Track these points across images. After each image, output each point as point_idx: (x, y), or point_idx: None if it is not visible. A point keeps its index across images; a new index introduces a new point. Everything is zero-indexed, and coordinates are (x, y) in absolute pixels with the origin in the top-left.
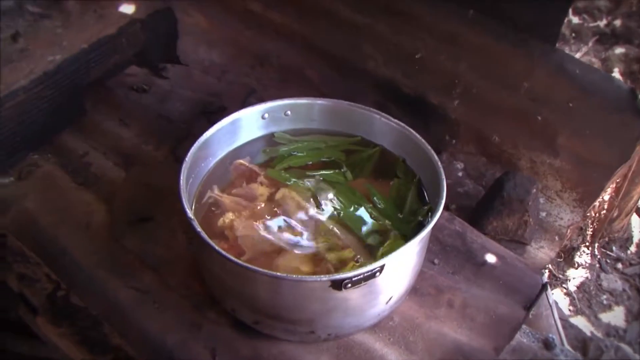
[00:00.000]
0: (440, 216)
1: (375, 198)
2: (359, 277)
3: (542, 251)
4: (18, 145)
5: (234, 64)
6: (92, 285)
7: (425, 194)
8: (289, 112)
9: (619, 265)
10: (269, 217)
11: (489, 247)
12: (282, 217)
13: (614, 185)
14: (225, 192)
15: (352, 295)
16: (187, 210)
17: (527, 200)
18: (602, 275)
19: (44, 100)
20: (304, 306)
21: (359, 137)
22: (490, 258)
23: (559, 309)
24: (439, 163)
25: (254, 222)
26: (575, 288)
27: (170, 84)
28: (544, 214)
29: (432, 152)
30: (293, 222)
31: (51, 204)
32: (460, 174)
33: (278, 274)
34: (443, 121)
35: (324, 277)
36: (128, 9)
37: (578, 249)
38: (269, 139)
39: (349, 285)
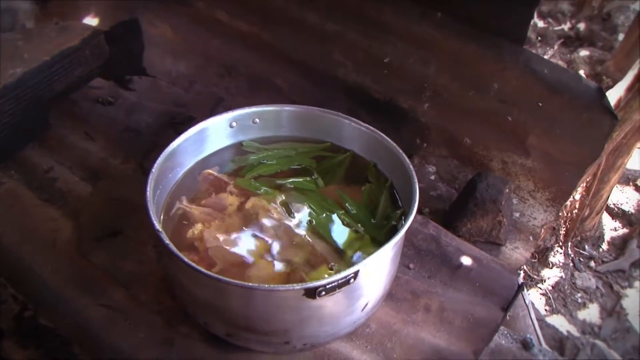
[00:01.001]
0: (413, 220)
1: (347, 204)
2: (333, 284)
3: (517, 251)
4: None
5: (201, 74)
6: (60, 304)
7: (398, 197)
8: (257, 120)
9: (592, 264)
10: (238, 230)
11: (464, 250)
12: (251, 231)
13: (585, 185)
14: (194, 202)
15: (327, 303)
16: (155, 222)
17: (500, 201)
18: (576, 274)
19: (4, 115)
20: (277, 316)
21: (329, 143)
22: (466, 260)
23: (536, 310)
24: (411, 166)
25: (223, 237)
26: (550, 288)
27: (137, 95)
28: (517, 214)
29: (404, 155)
30: (263, 233)
31: (15, 221)
32: (432, 177)
33: (250, 284)
34: (413, 125)
35: (297, 286)
36: (92, 21)
37: (552, 249)
38: (238, 148)
39: (323, 293)
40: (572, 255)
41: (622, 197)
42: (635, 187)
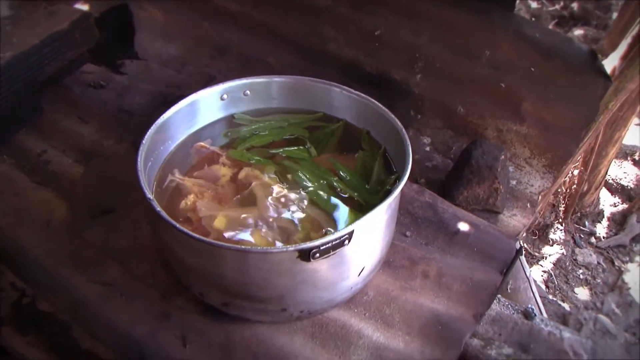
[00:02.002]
0: (410, 189)
1: (340, 172)
2: (327, 245)
3: (515, 219)
4: None
5: (193, 56)
6: (55, 283)
7: (392, 163)
8: (248, 92)
9: (593, 240)
10: (231, 200)
11: (461, 216)
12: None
13: (582, 159)
14: (187, 175)
15: (322, 266)
16: (146, 191)
17: (495, 167)
18: (577, 250)
19: None
20: (272, 281)
21: (321, 113)
22: (463, 226)
23: (538, 287)
24: (403, 130)
25: (217, 207)
26: (551, 265)
27: (129, 79)
28: (514, 182)
29: (396, 120)
30: (256, 202)
31: (8, 204)
32: (427, 148)
33: (243, 247)
34: (407, 97)
35: (291, 247)
36: (82, 7)
37: (552, 225)
38: (229, 121)
39: (318, 255)
40: (573, 232)
41: (620, 172)
42: (633, 162)
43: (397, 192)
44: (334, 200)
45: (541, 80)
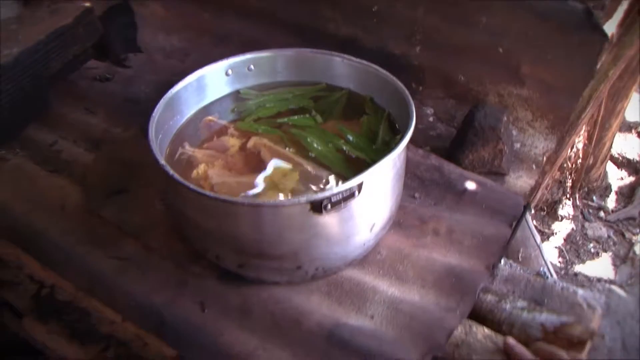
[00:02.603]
0: (415, 154)
1: (347, 135)
2: (338, 196)
3: (521, 180)
4: None
5: (195, 46)
6: (73, 261)
7: (396, 125)
8: (252, 67)
9: (602, 214)
10: (241, 167)
11: (468, 176)
12: (254, 166)
13: (586, 133)
14: (197, 148)
15: (334, 220)
16: (158, 157)
17: (499, 128)
18: (587, 224)
19: (5, 95)
20: (286, 237)
21: (324, 83)
22: (470, 185)
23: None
24: (405, 89)
25: (227, 174)
26: (562, 240)
27: (134, 71)
28: (518, 145)
29: (397, 81)
30: (266, 168)
31: (23, 192)
32: (431, 118)
33: (257, 201)
34: (408, 70)
35: (303, 199)
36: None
37: (560, 201)
38: (236, 97)
39: (329, 206)
40: (581, 207)
41: (625, 145)
42: (638, 135)
43: (403, 144)
44: (342, 161)
45: (538, 42)
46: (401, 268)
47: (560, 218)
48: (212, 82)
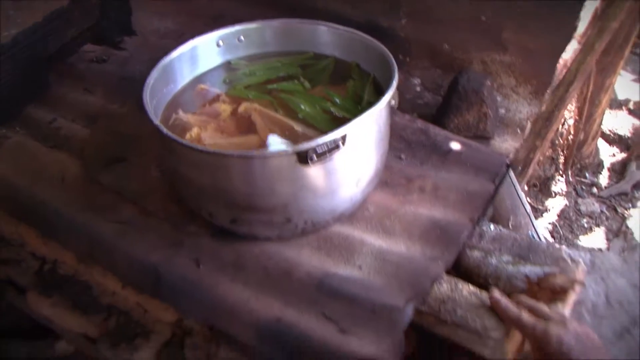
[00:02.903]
0: (402, 118)
1: (334, 98)
2: (323, 147)
3: (506, 143)
4: None
5: (189, 28)
6: (74, 228)
7: (382, 88)
8: (242, 38)
9: (594, 190)
10: (233, 130)
11: (453, 138)
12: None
13: (576, 109)
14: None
15: (320, 172)
16: (152, 117)
17: (482, 91)
18: (580, 200)
19: (4, 74)
20: (276, 189)
21: (312, 52)
22: (455, 146)
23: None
24: (387, 51)
25: (219, 136)
26: (555, 216)
27: (129, 52)
28: (503, 110)
29: (380, 45)
30: (257, 130)
31: (24, 167)
32: (418, 88)
33: (245, 152)
34: (395, 42)
35: (290, 149)
36: None
37: (553, 178)
38: (227, 67)
39: (314, 157)
40: (574, 183)
41: (616, 122)
42: (628, 111)
43: (386, 99)
44: (329, 121)
45: (519, 8)
46: (388, 223)
47: (553, 194)
48: (204, 52)
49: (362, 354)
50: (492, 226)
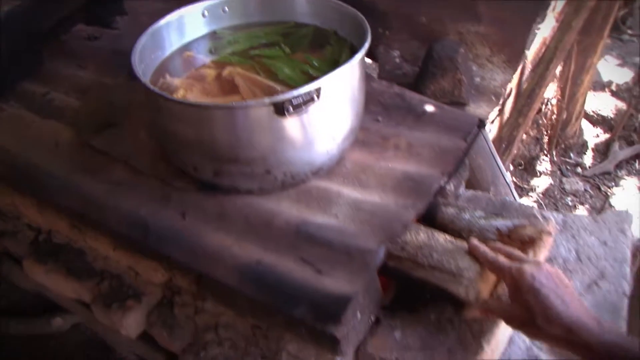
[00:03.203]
0: (380, 84)
1: (313, 62)
2: (298, 99)
3: (481, 109)
4: None
5: (180, 5)
6: (68, 188)
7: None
8: (226, 9)
9: (579, 170)
10: (217, 92)
11: (427, 101)
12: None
13: (559, 89)
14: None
15: (296, 123)
16: (139, 73)
17: (456, 58)
18: (564, 179)
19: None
20: (254, 140)
21: (293, 22)
22: (429, 108)
23: None
24: (360, 14)
25: (204, 98)
26: (540, 195)
27: (121, 31)
28: (478, 79)
29: (356, 11)
30: (240, 92)
31: (20, 135)
32: (397, 60)
33: (225, 103)
34: (374, 15)
35: (267, 100)
36: None
37: (538, 157)
38: (213, 36)
39: (290, 109)
40: (558, 163)
41: (599, 103)
42: (611, 93)
43: (360, 55)
44: (308, 81)
45: None
46: (364, 177)
47: (538, 174)
48: (191, 22)
49: (336, 292)
50: (469, 191)
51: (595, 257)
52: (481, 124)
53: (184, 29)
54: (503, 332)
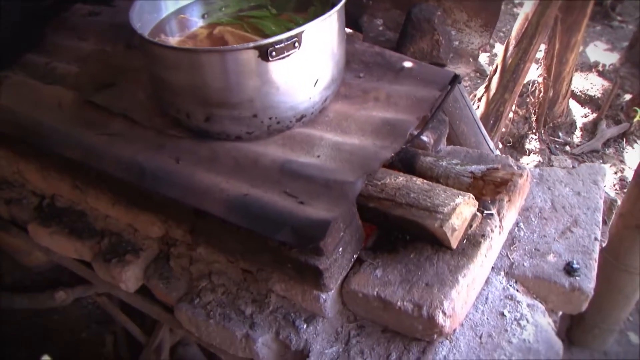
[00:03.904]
0: (362, 45)
1: (297, 20)
2: (281, 44)
3: (459, 70)
4: None
5: None
6: (69, 141)
7: None
8: None
9: (567, 148)
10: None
11: (406, 58)
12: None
13: (544, 68)
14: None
15: (280, 68)
16: (135, 26)
17: (433, 20)
18: (553, 157)
19: (2, 23)
20: (241, 83)
21: None
22: (407, 64)
23: None
24: None
25: None
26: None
27: (120, 7)
28: (456, 42)
29: None
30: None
31: (24, 98)
32: (380, 28)
33: (212, 48)
34: None
35: (251, 44)
36: None
37: (526, 136)
38: (206, 2)
39: (274, 53)
40: (547, 141)
41: (586, 83)
42: (598, 73)
43: (338, 7)
44: None
45: None
46: (345, 124)
47: (527, 152)
48: None
49: (316, 217)
50: (449, 146)
51: (569, 206)
52: (456, 77)
53: None
54: (480, 270)
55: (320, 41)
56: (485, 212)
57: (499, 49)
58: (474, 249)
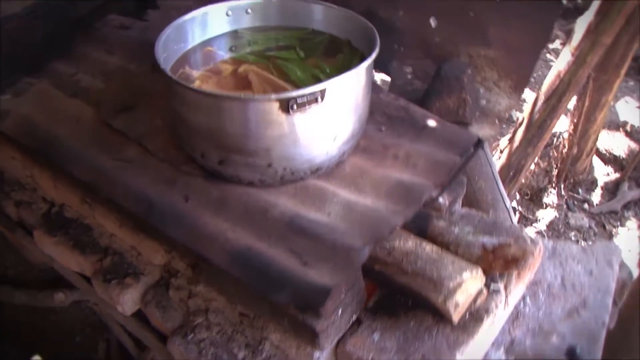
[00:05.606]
0: (387, 97)
1: (324, 67)
2: (303, 99)
3: (483, 130)
4: (13, 69)
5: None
6: (83, 160)
7: None
8: (249, 10)
9: (586, 206)
10: (232, 86)
11: (430, 116)
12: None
13: (572, 124)
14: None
15: (300, 121)
16: (160, 61)
17: (462, 79)
18: (570, 214)
19: (35, 29)
20: (259, 132)
21: (311, 29)
22: (431, 122)
23: None
24: (372, 27)
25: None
26: (544, 227)
27: (150, 23)
28: (484, 101)
29: (368, 22)
30: (253, 88)
31: (44, 108)
32: (409, 76)
33: (234, 94)
34: (391, 32)
35: (273, 96)
36: None
37: (545, 189)
38: (234, 35)
39: (295, 106)
40: (566, 197)
41: (613, 142)
42: (625, 133)
43: (367, 63)
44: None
45: (504, 6)
46: (360, 181)
47: (544, 206)
48: (214, 19)
49: (318, 283)
50: (464, 209)
51: (579, 285)
52: (479, 142)
53: (207, 25)
54: (478, 346)
55: (344, 96)
56: (492, 287)
57: (527, 94)
58: (476, 325)
